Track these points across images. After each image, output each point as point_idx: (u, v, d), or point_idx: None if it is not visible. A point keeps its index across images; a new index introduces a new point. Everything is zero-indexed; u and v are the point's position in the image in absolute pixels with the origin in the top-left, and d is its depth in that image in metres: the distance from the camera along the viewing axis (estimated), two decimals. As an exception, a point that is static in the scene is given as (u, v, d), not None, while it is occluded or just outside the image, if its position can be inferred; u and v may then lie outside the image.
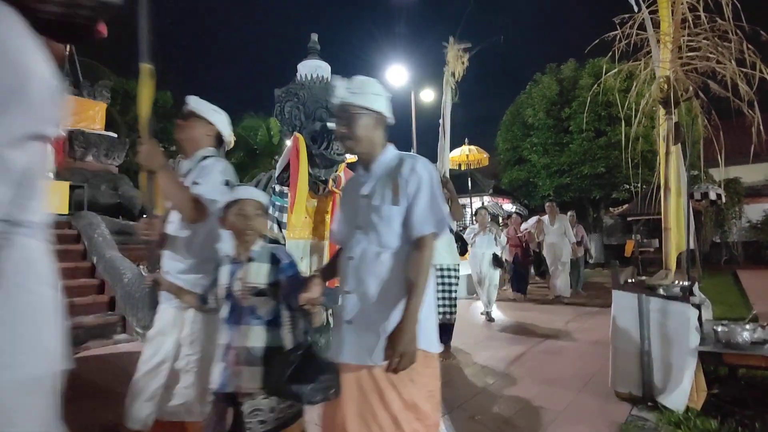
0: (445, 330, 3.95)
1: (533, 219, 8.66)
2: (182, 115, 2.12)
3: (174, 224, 1.95)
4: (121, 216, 7.42)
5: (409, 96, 12.67)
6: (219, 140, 2.17)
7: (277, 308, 1.69)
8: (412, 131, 12.89)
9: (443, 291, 4.00)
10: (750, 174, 14.65)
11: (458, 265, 4.14)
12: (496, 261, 6.03)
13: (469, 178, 15.40)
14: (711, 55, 3.16)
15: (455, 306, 4.03)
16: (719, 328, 2.64)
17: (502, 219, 11.63)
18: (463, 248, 4.22)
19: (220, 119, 2.14)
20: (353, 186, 1.66)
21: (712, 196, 9.47)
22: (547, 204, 7.91)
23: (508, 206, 16.15)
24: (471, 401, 2.90)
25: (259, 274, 1.65)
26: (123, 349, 4.59)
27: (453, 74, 6.46)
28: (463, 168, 13.88)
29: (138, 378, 1.91)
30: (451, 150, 13.78)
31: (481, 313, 6.16)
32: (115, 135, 8.98)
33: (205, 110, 2.10)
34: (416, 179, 1.47)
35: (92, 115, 8.60)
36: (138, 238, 7.07)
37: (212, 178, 1.90)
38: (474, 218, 6.70)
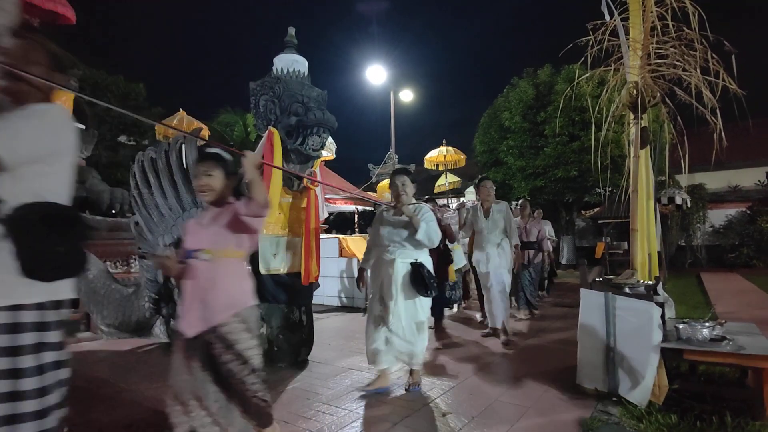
0: None
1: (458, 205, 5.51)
2: None
3: None
4: (88, 211, 7.16)
5: (388, 95, 12.70)
6: None
7: None
8: (391, 130, 12.93)
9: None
10: (714, 181, 15.30)
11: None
12: (416, 276, 2.97)
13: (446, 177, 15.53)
14: (678, 63, 3.27)
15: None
16: (681, 326, 2.74)
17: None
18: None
19: None
20: None
21: (678, 200, 9.83)
22: (480, 184, 4.81)
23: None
24: (441, 398, 2.92)
25: None
26: (86, 348, 4.43)
27: None
28: (440, 168, 14.00)
29: None
30: (429, 150, 13.93)
31: (372, 384, 3.13)
32: (83, 126, 8.66)
33: None
34: None
35: (59, 105, 8.26)
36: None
37: None
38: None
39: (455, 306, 6.50)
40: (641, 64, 3.35)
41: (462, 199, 4.80)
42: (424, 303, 3.12)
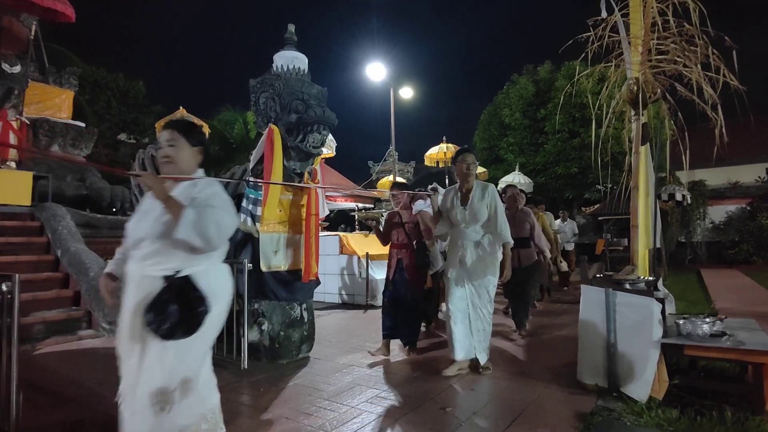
0: None
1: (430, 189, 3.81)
2: None
3: None
4: (88, 208, 7.17)
5: (388, 92, 12.69)
6: None
7: None
8: (391, 127, 12.92)
9: None
10: (714, 177, 15.30)
11: None
12: (161, 301, 1.58)
13: (447, 176, 15.55)
14: (678, 59, 3.27)
15: None
16: (681, 322, 2.74)
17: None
18: None
19: None
20: None
21: (678, 197, 9.82)
22: (458, 158, 3.44)
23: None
24: (442, 393, 2.93)
25: None
26: (87, 345, 4.43)
27: None
28: (441, 165, 14.01)
29: None
30: (429, 148, 13.92)
31: None
32: (83, 124, 8.67)
33: None
34: None
35: (58, 104, 8.27)
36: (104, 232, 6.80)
37: None
38: None
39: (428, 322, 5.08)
40: (642, 60, 3.35)
41: (440, 190, 3.57)
42: (184, 345, 1.62)
